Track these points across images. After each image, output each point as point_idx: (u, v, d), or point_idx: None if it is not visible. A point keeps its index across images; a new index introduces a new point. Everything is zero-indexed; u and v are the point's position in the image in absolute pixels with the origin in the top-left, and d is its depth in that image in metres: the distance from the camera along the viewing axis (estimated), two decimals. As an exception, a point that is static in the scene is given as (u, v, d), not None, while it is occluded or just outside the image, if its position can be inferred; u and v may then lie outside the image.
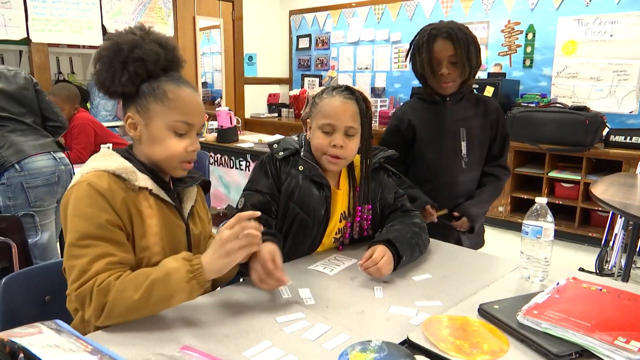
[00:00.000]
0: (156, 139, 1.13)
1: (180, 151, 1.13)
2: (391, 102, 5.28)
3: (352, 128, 1.40)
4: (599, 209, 3.71)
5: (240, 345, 0.98)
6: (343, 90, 1.43)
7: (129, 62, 1.10)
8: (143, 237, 1.11)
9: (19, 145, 2.28)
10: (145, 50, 1.10)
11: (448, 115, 1.83)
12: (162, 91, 1.12)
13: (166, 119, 1.12)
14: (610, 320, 0.98)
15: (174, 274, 1.02)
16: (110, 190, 1.07)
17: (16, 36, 3.94)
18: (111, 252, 1.04)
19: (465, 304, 1.17)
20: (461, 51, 1.68)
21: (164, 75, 1.14)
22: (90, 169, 1.11)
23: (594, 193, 2.32)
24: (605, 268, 3.13)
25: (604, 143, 3.70)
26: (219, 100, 5.77)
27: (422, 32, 1.76)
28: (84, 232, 1.03)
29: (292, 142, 1.50)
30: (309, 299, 1.19)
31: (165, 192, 1.17)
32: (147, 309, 1.02)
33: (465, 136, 1.83)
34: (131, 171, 1.12)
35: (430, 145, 1.86)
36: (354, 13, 5.53)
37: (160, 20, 4.80)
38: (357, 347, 0.93)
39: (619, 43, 3.84)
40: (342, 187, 1.51)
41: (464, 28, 1.74)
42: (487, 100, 1.89)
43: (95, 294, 1.00)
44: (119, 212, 1.07)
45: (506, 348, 0.96)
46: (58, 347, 0.87)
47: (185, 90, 1.14)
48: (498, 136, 1.89)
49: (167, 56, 1.15)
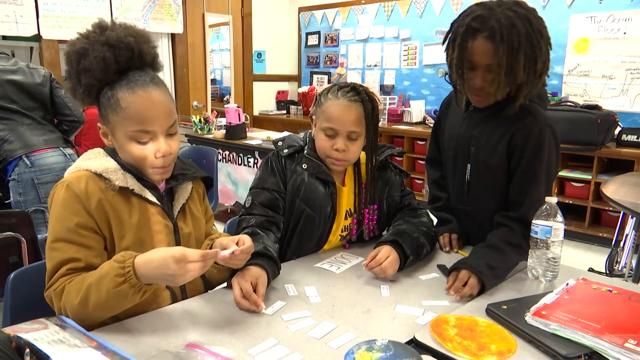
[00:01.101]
0: (122, 148, 1.09)
1: (146, 158, 1.07)
2: (400, 100, 5.25)
3: (355, 132, 1.38)
4: (609, 209, 3.66)
5: (246, 342, 0.97)
6: (349, 91, 1.39)
7: (80, 73, 1.05)
8: (123, 238, 1.07)
9: (25, 139, 2.30)
10: (90, 59, 1.03)
11: (465, 123, 1.45)
12: (115, 100, 1.04)
13: (124, 130, 1.05)
14: (620, 322, 0.97)
15: (104, 279, 0.96)
16: (86, 192, 1.04)
17: (27, 33, 3.97)
18: (77, 257, 1.02)
19: (473, 304, 1.16)
20: (502, 61, 1.21)
21: (119, 80, 1.05)
22: (74, 168, 1.10)
23: (605, 193, 2.30)
24: (615, 269, 3.09)
25: (616, 142, 3.65)
26: (228, 97, 5.77)
27: (463, 17, 1.28)
28: (55, 234, 1.04)
29: (297, 140, 1.50)
30: (314, 297, 1.19)
31: (151, 191, 1.13)
32: (92, 315, 0.99)
33: (472, 157, 1.43)
34: (112, 171, 1.08)
35: (444, 152, 1.58)
36: (364, 10, 5.50)
37: (169, 17, 4.81)
38: (363, 346, 0.93)
39: (633, 41, 3.78)
40: (348, 184, 1.50)
41: (523, 21, 1.20)
42: (524, 119, 1.32)
43: (54, 297, 1.02)
44: (95, 214, 1.04)
45: (514, 349, 0.95)
46: (63, 343, 0.87)
47: (139, 94, 1.04)
48: (519, 171, 1.34)
49: (121, 58, 1.05)
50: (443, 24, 4.80)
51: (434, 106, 4.99)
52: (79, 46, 1.05)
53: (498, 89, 1.26)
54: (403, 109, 5.08)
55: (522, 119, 1.32)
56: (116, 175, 1.08)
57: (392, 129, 4.86)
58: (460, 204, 1.52)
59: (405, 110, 5.04)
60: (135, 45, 1.07)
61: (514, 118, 1.33)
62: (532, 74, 1.24)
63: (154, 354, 0.91)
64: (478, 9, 1.26)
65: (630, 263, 2.87)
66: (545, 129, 1.32)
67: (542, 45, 1.23)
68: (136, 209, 1.10)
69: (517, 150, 1.33)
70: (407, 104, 5.14)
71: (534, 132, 1.31)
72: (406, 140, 4.77)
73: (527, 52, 1.20)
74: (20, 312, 1.15)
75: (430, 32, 4.95)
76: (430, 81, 5.06)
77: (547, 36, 1.25)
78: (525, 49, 1.20)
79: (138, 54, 1.08)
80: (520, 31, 1.19)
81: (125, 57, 1.06)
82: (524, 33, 1.19)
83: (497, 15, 1.20)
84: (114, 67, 1.04)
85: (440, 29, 4.84)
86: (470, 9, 1.28)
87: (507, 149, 1.35)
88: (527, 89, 1.26)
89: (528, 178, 1.33)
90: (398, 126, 4.89)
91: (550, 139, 1.33)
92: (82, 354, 0.89)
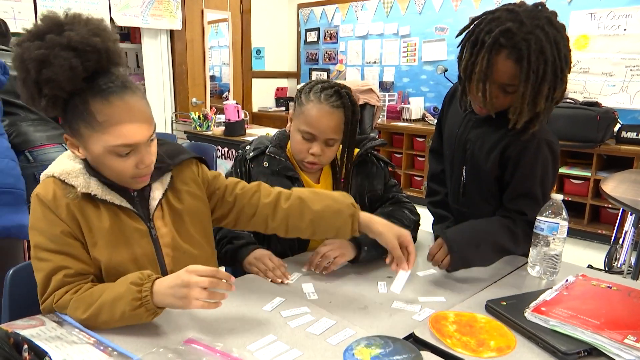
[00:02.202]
0: (98, 161, 0.99)
1: (128, 171, 0.99)
2: (399, 97, 5.25)
3: (333, 139, 1.38)
4: (608, 206, 3.67)
5: (245, 338, 0.97)
6: (332, 95, 1.36)
7: (41, 83, 0.91)
8: (95, 245, 1.02)
9: (28, 135, 2.30)
10: (54, 68, 0.89)
11: (463, 124, 1.42)
12: (89, 113, 0.93)
13: (102, 145, 0.95)
14: (620, 318, 0.96)
15: (119, 302, 0.93)
16: (54, 200, 1.00)
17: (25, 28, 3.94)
18: (66, 264, 0.99)
19: (472, 300, 1.16)
20: (525, 91, 1.15)
21: (90, 88, 0.94)
22: (44, 175, 1.05)
23: (605, 190, 2.29)
24: (614, 266, 3.09)
25: (615, 139, 3.65)
26: (227, 93, 5.76)
27: (489, 22, 1.18)
28: (38, 245, 1.00)
29: (264, 141, 1.49)
30: (312, 294, 1.19)
31: (120, 192, 1.05)
32: (96, 328, 0.96)
33: (468, 160, 1.40)
34: (74, 176, 1.01)
35: (445, 148, 1.54)
36: (363, 6, 5.49)
37: (168, 13, 4.79)
38: (362, 342, 0.93)
39: (633, 37, 3.77)
40: (323, 181, 1.49)
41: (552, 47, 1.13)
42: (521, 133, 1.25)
43: (56, 310, 1.00)
44: (67, 221, 1.00)
45: (513, 345, 0.95)
46: (61, 339, 0.87)
47: (116, 105, 0.94)
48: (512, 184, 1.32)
49: (89, 63, 0.92)
50: (442, 20, 4.79)
51: (433, 103, 4.98)
52: (36, 51, 0.90)
53: (514, 111, 1.19)
54: (402, 105, 5.07)
55: (519, 130, 1.25)
56: (78, 180, 1.01)
57: (391, 126, 4.85)
58: (457, 204, 1.50)
59: (404, 107, 5.04)
60: (102, 46, 0.94)
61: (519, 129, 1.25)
62: (549, 102, 1.19)
63: (153, 350, 0.91)
64: (508, 18, 1.15)
65: (629, 260, 2.88)
66: (542, 146, 1.27)
67: (565, 73, 1.17)
68: (105, 214, 1.03)
69: (511, 163, 1.30)
70: (407, 100, 5.13)
71: (530, 148, 1.27)
72: (405, 137, 4.77)
73: (550, 82, 1.15)
74: (19, 309, 1.15)
75: (429, 29, 4.93)
76: (429, 78, 5.05)
77: (570, 60, 1.19)
78: (550, 79, 1.14)
79: (106, 55, 0.95)
80: (547, 59, 1.12)
81: (93, 60, 0.93)
82: (551, 61, 1.13)
83: (528, 34, 1.12)
84: (81, 75, 0.92)
85: (439, 25, 4.83)
86: (498, 15, 1.18)
87: (499, 159, 1.32)
88: (544, 115, 1.22)
89: (520, 192, 1.31)
90: (397, 123, 4.88)
91: (547, 155, 1.28)
92: (80, 350, 0.88)
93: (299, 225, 1.19)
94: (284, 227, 1.20)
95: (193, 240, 1.14)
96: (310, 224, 1.18)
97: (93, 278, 1.03)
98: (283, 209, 1.18)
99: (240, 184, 1.25)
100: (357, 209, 1.18)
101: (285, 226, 1.20)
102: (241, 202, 1.21)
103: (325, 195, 1.21)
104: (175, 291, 0.92)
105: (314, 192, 1.22)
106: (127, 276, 0.97)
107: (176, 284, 0.93)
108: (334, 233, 1.18)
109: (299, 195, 1.20)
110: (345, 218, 1.16)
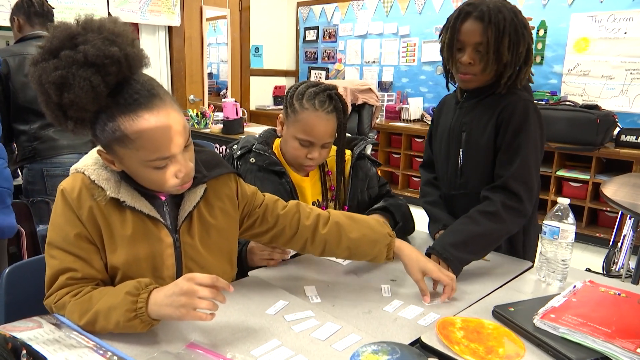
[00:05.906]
0: (136, 175, 0.98)
1: (168, 181, 0.96)
2: (398, 97, 5.23)
3: (329, 142, 1.44)
4: (607, 209, 3.67)
5: (248, 343, 0.95)
6: (325, 100, 1.38)
7: (64, 107, 0.88)
8: (115, 252, 0.99)
9: (54, 141, 2.30)
10: (75, 90, 0.84)
11: (456, 114, 1.52)
12: (120, 132, 0.89)
13: (138, 160, 0.93)
14: (631, 326, 0.95)
15: (114, 311, 0.91)
16: (78, 200, 0.97)
17: (22, 23, 3.89)
18: (74, 267, 0.97)
19: (478, 305, 1.14)
20: (490, 40, 1.33)
21: (116, 103, 0.89)
22: (73, 169, 1.03)
23: (605, 194, 2.29)
24: (612, 269, 3.09)
25: (615, 143, 3.64)
26: (225, 91, 5.73)
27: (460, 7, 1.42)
28: (52, 240, 0.99)
29: (251, 140, 1.52)
30: (315, 297, 1.17)
31: (150, 199, 1.02)
32: (96, 333, 0.93)
33: (464, 142, 1.48)
34: (105, 178, 0.99)
35: (436, 147, 1.62)
36: (362, 6, 5.47)
37: (167, 9, 4.75)
38: (368, 348, 0.91)
39: (633, 41, 3.77)
40: (312, 175, 1.53)
41: (509, 11, 1.35)
42: (509, 98, 1.40)
43: (55, 310, 0.99)
44: (86, 223, 0.98)
45: (522, 353, 0.93)
46: (59, 342, 0.84)
47: (146, 119, 0.89)
48: (504, 144, 1.38)
49: (110, 77, 0.87)
50: (442, 21, 4.70)
51: (432, 103, 4.97)
52: (53, 74, 0.85)
53: (486, 67, 1.36)
54: (401, 106, 5.06)
55: (507, 98, 1.41)
56: (109, 184, 0.98)
57: (389, 126, 4.84)
58: (454, 190, 1.53)
59: (403, 107, 5.02)
60: (120, 55, 0.87)
61: (501, 99, 1.41)
62: (515, 57, 1.37)
63: (154, 355, 0.88)
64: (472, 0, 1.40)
65: (627, 264, 2.87)
66: (529, 105, 1.40)
67: (525, 34, 1.37)
68: (129, 221, 1.00)
69: (503, 125, 1.39)
70: (405, 101, 5.12)
71: (518, 107, 1.39)
72: (404, 137, 4.75)
73: (511, 35, 1.35)
74: (16, 309, 1.13)
75: (429, 29, 4.92)
76: (428, 78, 5.04)
77: (530, 31, 1.40)
78: (510, 32, 1.34)
79: (126, 63, 0.89)
80: (506, 17, 1.34)
81: (113, 73, 0.87)
82: (509, 19, 1.34)
83: (489, 2, 1.36)
84: (104, 92, 0.87)
85: (439, 25, 4.81)
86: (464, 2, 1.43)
87: (494, 127, 1.41)
88: (511, 69, 1.38)
89: (512, 150, 1.37)
90: (396, 123, 4.87)
91: (534, 114, 1.40)
92: (79, 354, 0.86)
93: (335, 251, 1.22)
94: (320, 250, 1.23)
95: (217, 256, 1.13)
96: (346, 250, 1.21)
97: (99, 283, 1.01)
98: (322, 234, 1.20)
99: (280, 202, 1.24)
100: (393, 239, 1.21)
101: (322, 249, 1.22)
102: (282, 223, 1.20)
103: (362, 222, 1.23)
104: (174, 300, 0.89)
105: (351, 218, 1.23)
106: (125, 283, 0.95)
107: (174, 292, 0.90)
108: (369, 259, 1.23)
109: (337, 221, 1.21)
110: (381, 248, 1.20)
